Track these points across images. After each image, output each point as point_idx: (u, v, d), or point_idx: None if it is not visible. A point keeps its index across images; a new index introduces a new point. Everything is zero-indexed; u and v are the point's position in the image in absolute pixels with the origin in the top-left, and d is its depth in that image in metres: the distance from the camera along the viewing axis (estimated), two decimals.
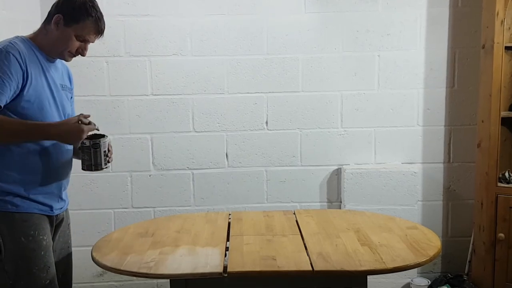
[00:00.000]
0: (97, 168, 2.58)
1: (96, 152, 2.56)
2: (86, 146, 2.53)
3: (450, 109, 4.13)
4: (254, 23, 4.00)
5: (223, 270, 2.43)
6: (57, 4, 2.52)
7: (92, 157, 2.55)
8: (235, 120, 4.08)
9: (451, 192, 4.22)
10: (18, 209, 2.42)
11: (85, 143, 2.53)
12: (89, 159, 2.55)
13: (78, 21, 2.48)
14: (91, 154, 2.55)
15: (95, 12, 2.52)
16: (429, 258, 2.56)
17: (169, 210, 4.13)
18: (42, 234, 2.48)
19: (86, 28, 2.51)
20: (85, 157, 2.55)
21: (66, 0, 2.50)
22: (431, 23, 4.04)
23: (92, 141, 2.53)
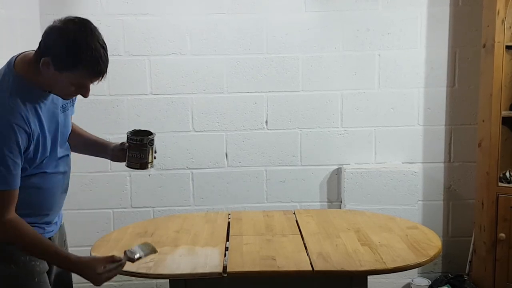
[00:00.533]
0: (151, 165, 2.46)
1: (150, 149, 2.43)
2: (142, 143, 2.39)
3: (450, 109, 4.12)
4: (254, 22, 4.00)
5: (223, 270, 2.43)
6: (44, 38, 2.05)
7: (147, 155, 2.42)
8: (235, 119, 4.08)
9: (452, 192, 4.22)
10: None
11: (140, 140, 2.39)
12: (144, 156, 2.41)
13: (71, 68, 2.01)
14: (146, 151, 2.41)
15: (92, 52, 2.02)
16: (430, 258, 2.56)
17: (169, 210, 4.12)
18: (34, 260, 2.22)
19: (83, 76, 2.05)
20: (139, 155, 2.40)
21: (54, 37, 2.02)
22: (432, 22, 4.03)
23: (149, 138, 2.40)
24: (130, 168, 2.45)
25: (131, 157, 2.42)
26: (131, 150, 2.41)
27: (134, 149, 2.40)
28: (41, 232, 2.27)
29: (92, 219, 4.09)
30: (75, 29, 2.02)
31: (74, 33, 2.01)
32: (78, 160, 2.58)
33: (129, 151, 2.42)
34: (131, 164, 2.43)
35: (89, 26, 2.07)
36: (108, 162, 4.01)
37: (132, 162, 2.42)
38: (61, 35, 2.01)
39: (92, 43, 2.02)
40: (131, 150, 2.41)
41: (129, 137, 2.42)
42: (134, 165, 2.42)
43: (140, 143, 2.40)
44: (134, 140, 2.40)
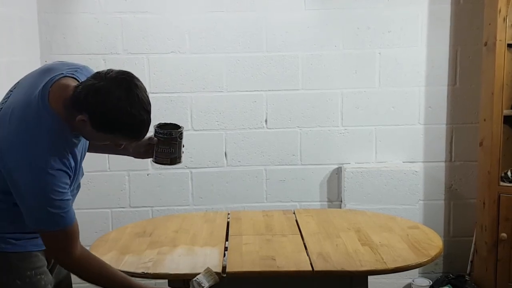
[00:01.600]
0: (180, 161, 2.36)
1: (181, 142, 2.34)
2: (173, 137, 2.29)
3: (452, 107, 4.12)
4: (253, 21, 4.00)
5: (222, 270, 2.43)
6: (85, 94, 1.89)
7: (177, 149, 2.33)
8: (234, 118, 4.08)
9: (453, 191, 4.22)
10: (14, 248, 2.08)
11: (169, 134, 2.29)
12: (174, 151, 2.31)
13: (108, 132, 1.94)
14: (176, 145, 2.31)
15: (133, 120, 1.91)
16: (431, 258, 2.57)
17: (167, 209, 4.12)
18: (40, 273, 2.15)
19: (120, 139, 2.01)
20: (170, 150, 2.30)
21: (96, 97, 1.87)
22: (433, 20, 4.03)
23: (178, 131, 2.31)
24: (158, 164, 2.36)
25: (160, 152, 2.32)
26: (160, 145, 2.31)
27: (164, 144, 2.31)
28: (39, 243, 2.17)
29: (90, 219, 4.09)
30: (119, 94, 1.89)
31: (117, 99, 1.88)
32: None
33: (157, 146, 2.32)
34: (160, 160, 2.33)
35: (135, 91, 1.92)
36: (106, 161, 4.02)
37: (162, 157, 2.33)
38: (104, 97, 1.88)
39: (135, 110, 1.91)
40: (160, 145, 2.31)
41: (158, 131, 2.31)
42: (164, 160, 2.33)
43: (170, 136, 2.30)
44: (163, 134, 2.30)
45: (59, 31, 3.92)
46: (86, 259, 2.09)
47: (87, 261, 2.10)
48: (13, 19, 3.53)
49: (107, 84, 1.89)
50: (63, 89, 1.97)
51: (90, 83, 1.91)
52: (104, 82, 1.89)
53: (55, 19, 3.91)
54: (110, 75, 1.92)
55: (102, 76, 1.92)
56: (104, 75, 1.92)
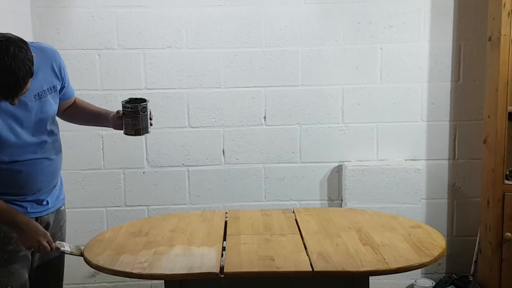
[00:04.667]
0: (146, 131, 2.67)
1: (144, 115, 2.63)
2: (135, 110, 2.61)
3: (455, 104, 4.13)
4: (252, 15, 3.99)
5: (220, 270, 2.43)
6: None
7: (141, 121, 2.63)
8: (232, 115, 4.08)
9: (456, 189, 4.22)
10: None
11: (134, 108, 2.60)
12: (137, 123, 2.63)
13: None
14: (139, 118, 2.62)
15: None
16: (434, 258, 2.57)
17: (164, 208, 4.12)
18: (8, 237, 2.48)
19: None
20: (133, 122, 2.62)
21: None
22: (436, 14, 4.03)
23: (141, 105, 2.61)
24: (126, 135, 2.69)
25: (126, 124, 2.65)
26: (125, 118, 2.64)
27: (128, 117, 2.63)
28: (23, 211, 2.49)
29: (85, 218, 4.09)
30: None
31: None
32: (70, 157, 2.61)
33: (124, 118, 2.64)
34: (126, 131, 2.67)
35: (8, 50, 2.16)
36: (101, 159, 4.02)
37: (127, 129, 2.66)
38: None
39: None
40: (126, 118, 2.64)
41: (123, 105, 2.64)
42: (130, 132, 2.66)
43: (133, 110, 2.61)
44: (127, 107, 2.62)
45: (52, 25, 3.92)
46: None
47: None
48: (5, 12, 3.52)
49: None
50: None
51: None
52: None
53: (48, 13, 3.91)
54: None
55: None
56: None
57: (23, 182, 2.48)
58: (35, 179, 2.51)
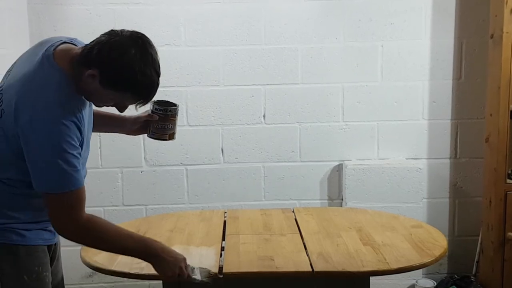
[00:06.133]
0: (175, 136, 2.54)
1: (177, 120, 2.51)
2: (172, 113, 2.46)
3: (457, 102, 4.13)
4: (251, 12, 3.99)
5: (219, 271, 2.43)
6: (98, 48, 1.95)
7: (175, 125, 2.50)
8: (231, 113, 4.08)
9: (458, 189, 4.22)
10: (24, 240, 2.08)
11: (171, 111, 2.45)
12: (173, 127, 2.49)
13: (116, 89, 1.98)
14: (175, 122, 2.49)
15: (145, 80, 1.99)
16: (435, 259, 2.57)
17: (162, 208, 4.12)
18: (45, 270, 2.16)
19: (127, 99, 2.04)
20: (169, 126, 2.47)
21: (110, 53, 1.94)
22: (437, 11, 4.03)
23: (176, 109, 2.47)
24: (156, 139, 2.50)
25: (159, 128, 2.46)
26: (159, 121, 2.45)
27: (163, 120, 2.45)
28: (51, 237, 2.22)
29: None
30: (134, 52, 1.96)
31: (132, 57, 1.95)
32: None
33: (157, 122, 2.45)
34: (158, 136, 2.48)
35: (150, 51, 2.02)
36: (98, 158, 4.01)
37: (160, 133, 2.47)
38: (118, 53, 1.94)
39: (148, 70, 1.98)
40: (160, 121, 2.45)
41: (156, 108, 2.45)
42: (163, 136, 2.48)
43: (170, 113, 2.45)
44: (163, 110, 2.44)
45: (49, 23, 3.91)
46: (93, 222, 2.06)
47: (95, 223, 2.06)
48: (2, 10, 3.52)
49: (123, 40, 1.96)
50: (68, 50, 2.02)
51: (104, 39, 1.97)
52: (119, 38, 1.97)
53: (45, 10, 3.91)
54: (125, 33, 2.00)
55: (118, 33, 2.00)
56: (120, 32, 2.00)
57: None
58: None
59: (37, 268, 2.11)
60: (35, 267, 2.10)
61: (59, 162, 1.91)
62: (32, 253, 2.10)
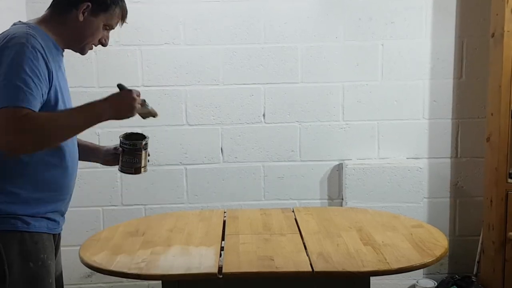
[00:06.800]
0: (144, 170, 2.56)
1: (145, 153, 2.53)
2: (137, 148, 2.49)
3: (457, 102, 4.12)
4: (251, 11, 3.99)
5: (218, 271, 2.43)
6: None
7: (142, 159, 2.52)
8: (231, 112, 4.07)
9: (459, 188, 4.22)
10: (29, 227, 2.13)
11: (135, 145, 2.48)
12: (138, 161, 2.51)
13: (107, 9, 2.33)
14: (141, 156, 2.51)
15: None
16: (436, 259, 2.56)
17: (161, 207, 4.12)
18: (50, 259, 2.21)
19: (115, 16, 2.39)
20: (134, 160, 2.49)
21: None
22: (438, 10, 4.03)
23: (143, 142, 2.50)
24: (123, 173, 2.55)
25: (125, 162, 2.51)
26: (124, 155, 2.50)
27: (128, 154, 2.50)
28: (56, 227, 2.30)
29: (81, 218, 4.09)
30: None
31: None
32: None
33: (122, 155, 2.51)
34: (124, 169, 2.53)
35: None
36: None
37: (126, 167, 2.52)
38: None
39: None
40: (125, 155, 2.50)
41: (122, 141, 2.50)
42: (128, 170, 2.52)
43: (134, 147, 2.49)
44: (128, 144, 2.49)
45: None
46: (33, 113, 2.00)
47: (33, 114, 2.00)
48: (1, 10, 3.52)
49: None
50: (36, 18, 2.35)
51: None
52: None
53: (44, 9, 3.88)
54: None
55: None
56: None
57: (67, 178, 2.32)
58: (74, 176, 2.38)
59: (42, 256, 2.17)
60: (40, 254, 2.16)
61: (16, 79, 1.97)
62: (38, 240, 2.16)
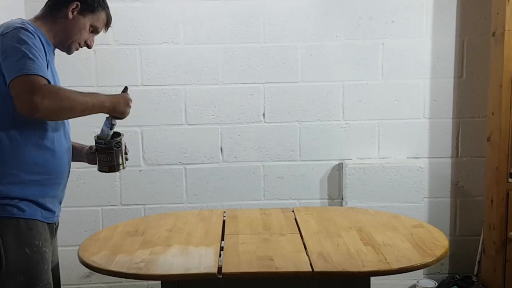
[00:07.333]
0: (119, 168, 2.60)
1: (118, 151, 2.56)
2: (108, 146, 2.53)
3: (458, 101, 4.12)
4: (250, 9, 3.99)
5: (218, 271, 2.43)
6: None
7: (114, 157, 2.55)
8: (230, 112, 4.07)
9: (460, 188, 4.22)
10: (25, 214, 2.25)
11: (107, 143, 2.52)
12: (111, 159, 2.55)
13: (94, 10, 2.48)
14: (113, 154, 2.55)
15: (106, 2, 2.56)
16: (436, 259, 2.56)
17: (160, 207, 4.12)
18: (46, 246, 2.32)
19: (100, 19, 2.52)
20: (107, 158, 2.54)
21: None
22: (438, 9, 4.03)
23: (115, 141, 2.54)
24: (100, 171, 2.61)
25: (100, 160, 2.57)
26: (99, 154, 2.56)
27: (101, 152, 2.55)
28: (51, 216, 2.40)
29: (80, 217, 4.09)
30: None
31: None
32: None
33: (97, 154, 2.57)
34: (100, 168, 2.60)
35: None
36: None
37: (101, 165, 2.59)
38: None
39: None
40: (99, 154, 2.56)
41: (96, 140, 2.55)
42: (103, 168, 2.59)
43: (107, 146, 2.53)
44: (100, 143, 2.54)
45: None
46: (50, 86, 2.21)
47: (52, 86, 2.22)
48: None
49: None
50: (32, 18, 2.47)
51: None
52: None
53: None
54: None
55: None
56: None
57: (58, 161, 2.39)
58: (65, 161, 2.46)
59: (37, 242, 2.28)
60: (35, 240, 2.27)
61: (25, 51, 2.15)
62: (33, 227, 2.27)
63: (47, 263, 2.33)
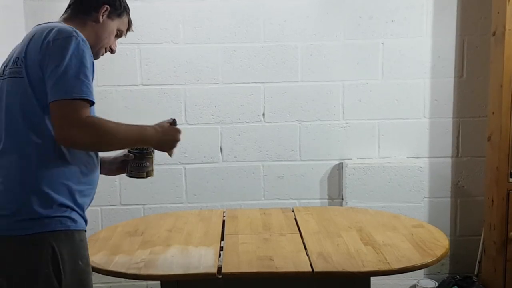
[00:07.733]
0: (154, 173, 2.62)
1: (154, 157, 2.59)
2: (148, 151, 2.54)
3: (458, 100, 4.12)
4: (250, 9, 3.99)
5: (217, 271, 2.43)
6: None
7: (151, 163, 2.58)
8: (230, 111, 4.07)
9: (460, 188, 4.22)
10: (77, 225, 2.12)
11: (146, 149, 2.53)
12: (149, 165, 2.57)
13: (121, 14, 2.45)
14: (151, 159, 2.57)
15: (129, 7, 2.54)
16: (437, 259, 2.56)
17: (160, 207, 4.12)
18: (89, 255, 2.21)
19: (125, 23, 2.50)
20: (145, 164, 2.55)
21: None
22: (439, 8, 4.03)
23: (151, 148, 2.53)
24: (134, 178, 2.58)
25: (136, 167, 2.55)
26: (137, 160, 2.54)
27: (139, 159, 2.54)
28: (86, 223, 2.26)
29: None
30: None
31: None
32: None
33: (133, 161, 2.54)
34: (136, 174, 2.57)
35: None
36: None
37: (137, 171, 2.56)
38: None
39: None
40: (137, 160, 2.54)
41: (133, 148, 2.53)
42: (140, 174, 2.56)
43: (146, 151, 2.54)
44: (141, 149, 2.53)
45: (46, 20, 3.87)
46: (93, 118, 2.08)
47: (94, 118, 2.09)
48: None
49: None
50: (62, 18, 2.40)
51: None
52: None
53: (41, 7, 3.90)
54: None
55: None
56: None
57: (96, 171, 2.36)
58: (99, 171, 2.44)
59: (86, 253, 2.18)
60: (85, 251, 2.17)
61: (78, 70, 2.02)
62: (83, 238, 2.17)
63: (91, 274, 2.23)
